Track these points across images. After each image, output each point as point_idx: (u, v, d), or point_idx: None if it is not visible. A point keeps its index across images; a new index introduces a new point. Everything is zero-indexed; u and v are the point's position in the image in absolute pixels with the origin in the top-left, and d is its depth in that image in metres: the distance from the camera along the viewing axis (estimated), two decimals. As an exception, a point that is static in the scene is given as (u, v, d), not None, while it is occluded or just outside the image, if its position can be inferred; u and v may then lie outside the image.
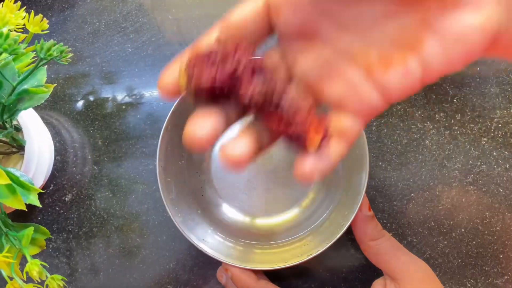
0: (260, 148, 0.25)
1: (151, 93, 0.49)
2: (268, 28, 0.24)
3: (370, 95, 0.24)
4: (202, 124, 0.23)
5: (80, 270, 0.47)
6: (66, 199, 0.48)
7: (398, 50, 0.23)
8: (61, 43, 0.33)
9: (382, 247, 0.39)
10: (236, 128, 0.26)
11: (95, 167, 0.49)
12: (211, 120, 0.23)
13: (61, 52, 0.33)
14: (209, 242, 0.42)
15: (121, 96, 0.50)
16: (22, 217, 0.47)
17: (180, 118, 0.43)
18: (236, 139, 0.24)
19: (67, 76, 0.50)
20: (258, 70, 0.23)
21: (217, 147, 0.47)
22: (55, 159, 0.48)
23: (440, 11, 0.22)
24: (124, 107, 0.49)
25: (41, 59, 0.32)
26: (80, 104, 0.50)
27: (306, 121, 0.23)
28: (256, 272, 0.40)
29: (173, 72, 0.24)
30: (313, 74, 0.25)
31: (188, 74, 0.23)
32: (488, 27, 0.21)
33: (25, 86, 0.34)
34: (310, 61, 0.25)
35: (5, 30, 0.30)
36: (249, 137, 0.24)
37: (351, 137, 0.25)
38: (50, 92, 0.35)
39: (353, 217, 0.39)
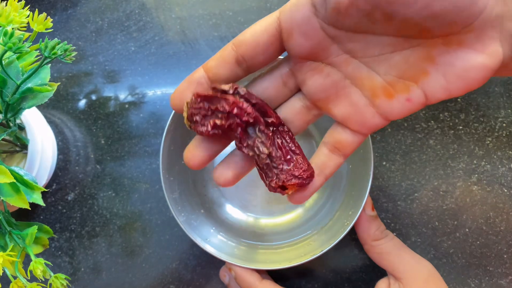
0: (243, 172, 0.29)
1: (154, 92, 0.49)
2: (279, 48, 0.26)
3: (373, 117, 0.26)
4: (196, 153, 0.28)
5: (82, 269, 0.47)
6: (69, 198, 0.48)
7: (402, 80, 0.25)
8: (65, 42, 0.33)
9: (385, 247, 0.39)
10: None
11: (98, 166, 0.48)
12: (204, 149, 0.28)
13: (65, 50, 0.33)
14: (213, 241, 0.42)
15: (124, 95, 0.50)
16: (24, 216, 0.47)
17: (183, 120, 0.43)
18: (223, 166, 0.29)
19: (69, 75, 0.50)
20: (251, 124, 0.26)
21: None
22: (57, 158, 0.48)
23: (445, 48, 0.23)
24: (127, 106, 0.49)
25: (46, 58, 0.32)
26: (82, 103, 0.50)
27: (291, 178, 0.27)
28: (259, 272, 0.40)
29: (182, 93, 0.27)
30: (321, 94, 0.27)
31: (188, 114, 0.26)
32: (491, 66, 0.22)
33: (29, 85, 0.34)
34: (319, 82, 0.27)
35: (9, 29, 0.30)
36: (234, 165, 0.29)
37: (349, 150, 0.28)
38: (54, 91, 0.35)
39: (357, 216, 0.38)
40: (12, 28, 0.31)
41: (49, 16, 0.33)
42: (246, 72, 0.27)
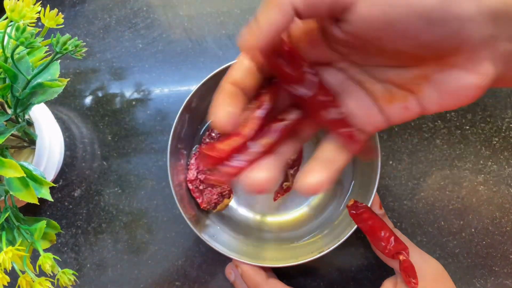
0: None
1: (161, 89, 0.49)
2: None
3: (376, 116, 0.27)
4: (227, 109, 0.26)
5: (88, 265, 0.47)
6: (75, 194, 0.48)
7: (400, 90, 0.26)
8: (76, 38, 0.33)
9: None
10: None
11: (104, 162, 0.49)
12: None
13: (76, 46, 0.33)
14: (219, 239, 0.42)
15: (131, 92, 0.50)
16: (31, 212, 0.47)
17: (191, 114, 0.43)
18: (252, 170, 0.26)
19: (77, 71, 0.50)
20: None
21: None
22: (64, 154, 0.48)
23: (438, 68, 0.24)
24: (134, 103, 0.49)
25: (57, 53, 0.32)
26: (89, 99, 0.50)
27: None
28: (265, 270, 0.40)
29: (223, 111, 0.25)
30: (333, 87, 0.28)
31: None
32: (482, 85, 0.23)
33: (39, 80, 0.34)
34: (325, 79, 0.27)
35: (21, 24, 0.30)
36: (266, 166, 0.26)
37: (356, 148, 0.28)
38: (64, 86, 0.35)
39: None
40: (23, 24, 0.31)
41: (60, 12, 0.33)
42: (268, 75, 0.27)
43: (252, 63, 0.26)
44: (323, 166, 0.27)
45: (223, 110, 0.25)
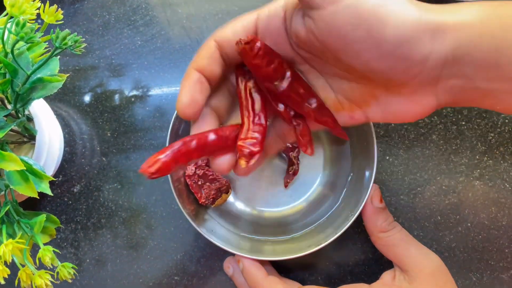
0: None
1: (159, 86, 0.50)
2: None
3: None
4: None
5: (88, 260, 0.47)
6: (75, 190, 0.48)
7: (349, 102, 0.29)
8: (75, 33, 0.34)
9: (392, 238, 0.39)
10: None
11: (103, 158, 0.49)
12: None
13: (76, 42, 0.34)
14: (218, 233, 0.43)
15: (129, 89, 0.50)
16: (30, 207, 0.48)
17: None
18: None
19: (76, 68, 0.51)
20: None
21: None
22: (64, 150, 0.49)
23: (385, 92, 0.26)
24: (133, 99, 0.50)
25: (56, 48, 0.32)
26: (89, 96, 0.50)
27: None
28: (265, 265, 0.41)
29: (192, 98, 0.27)
30: None
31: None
32: (422, 113, 0.26)
33: (39, 75, 0.35)
34: None
35: (21, 19, 0.31)
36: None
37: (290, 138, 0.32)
38: (63, 81, 0.36)
39: (360, 209, 0.39)
40: (23, 19, 0.31)
41: (59, 8, 0.33)
42: (230, 67, 0.29)
43: (217, 50, 0.28)
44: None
45: (189, 97, 0.27)
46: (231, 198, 0.47)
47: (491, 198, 0.46)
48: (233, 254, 0.41)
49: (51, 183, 0.48)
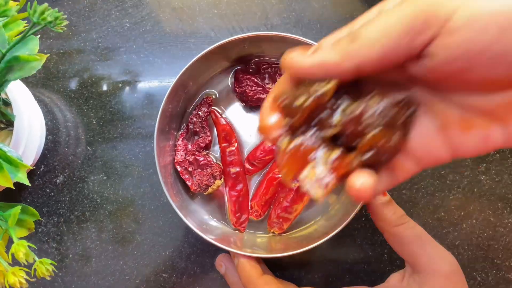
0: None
1: (149, 72, 0.47)
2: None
3: (439, 148, 0.23)
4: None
5: (71, 255, 0.45)
6: (58, 181, 0.46)
7: (482, 117, 0.22)
8: (56, 9, 0.31)
9: (406, 235, 0.35)
10: None
11: (88, 148, 0.46)
12: None
13: (56, 18, 0.31)
14: (209, 229, 0.40)
15: (117, 74, 0.47)
16: (9, 199, 0.45)
17: (179, 98, 0.41)
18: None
19: (61, 51, 0.48)
20: None
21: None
22: (46, 138, 0.46)
23: None
24: (120, 85, 0.47)
25: (34, 24, 0.29)
26: (74, 81, 0.47)
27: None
28: (260, 263, 0.38)
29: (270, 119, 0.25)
30: None
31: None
32: None
33: (15, 54, 0.32)
34: None
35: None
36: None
37: (404, 177, 0.25)
38: (42, 62, 0.33)
39: (359, 205, 0.37)
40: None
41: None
42: None
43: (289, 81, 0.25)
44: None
45: (271, 118, 0.25)
46: (223, 188, 0.44)
47: (497, 193, 0.44)
48: (226, 251, 0.39)
49: (32, 173, 0.45)
